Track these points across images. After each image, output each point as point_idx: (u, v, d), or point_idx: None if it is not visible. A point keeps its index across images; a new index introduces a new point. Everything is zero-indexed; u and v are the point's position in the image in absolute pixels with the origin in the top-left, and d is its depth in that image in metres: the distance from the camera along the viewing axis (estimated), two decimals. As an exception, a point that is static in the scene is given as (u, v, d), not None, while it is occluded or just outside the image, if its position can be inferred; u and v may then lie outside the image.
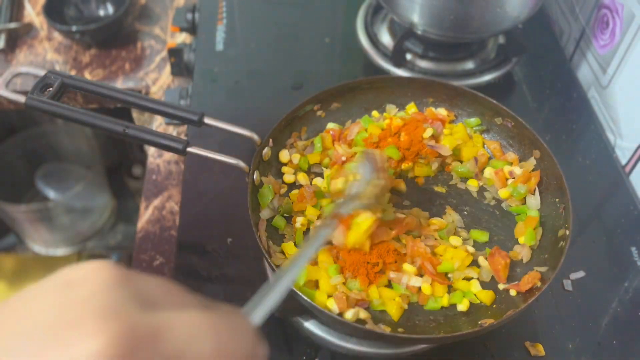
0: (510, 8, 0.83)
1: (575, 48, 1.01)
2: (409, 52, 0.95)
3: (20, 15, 1.19)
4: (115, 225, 1.54)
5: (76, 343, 0.20)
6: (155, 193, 0.90)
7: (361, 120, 0.75)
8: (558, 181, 0.66)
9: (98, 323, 0.20)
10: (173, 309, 0.23)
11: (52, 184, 1.52)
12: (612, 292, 0.71)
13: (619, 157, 0.87)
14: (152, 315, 0.22)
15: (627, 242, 0.76)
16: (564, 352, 0.65)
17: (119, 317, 0.21)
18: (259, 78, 0.95)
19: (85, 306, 0.21)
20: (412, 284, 0.60)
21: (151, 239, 0.84)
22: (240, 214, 0.65)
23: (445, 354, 0.65)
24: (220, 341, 0.23)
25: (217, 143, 0.82)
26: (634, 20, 0.83)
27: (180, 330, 0.22)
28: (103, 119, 0.62)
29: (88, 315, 0.20)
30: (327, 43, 1.02)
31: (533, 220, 0.65)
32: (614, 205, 0.81)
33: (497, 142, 0.73)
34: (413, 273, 0.61)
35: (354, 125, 0.74)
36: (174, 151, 0.62)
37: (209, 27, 1.03)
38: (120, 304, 0.21)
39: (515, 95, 0.95)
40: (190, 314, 0.23)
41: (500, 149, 0.73)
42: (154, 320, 0.22)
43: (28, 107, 0.61)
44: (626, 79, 0.86)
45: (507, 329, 0.66)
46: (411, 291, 0.61)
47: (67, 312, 0.21)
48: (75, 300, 0.21)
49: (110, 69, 1.09)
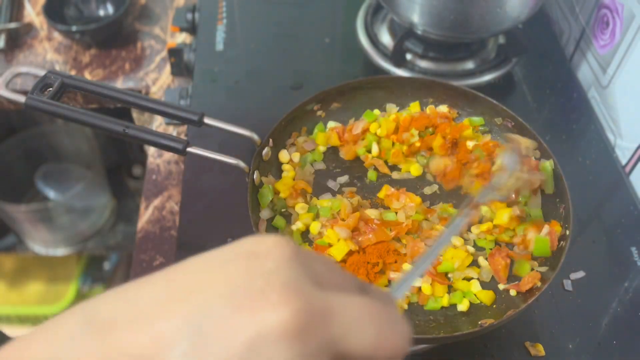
0: (510, 8, 0.83)
1: (575, 48, 1.01)
2: (409, 52, 0.95)
3: (20, 15, 1.19)
4: (115, 225, 1.54)
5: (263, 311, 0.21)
6: (155, 193, 0.90)
7: (364, 116, 0.75)
8: (558, 181, 0.66)
9: (283, 295, 0.21)
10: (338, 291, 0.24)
11: (52, 184, 1.52)
12: (612, 292, 0.71)
13: (619, 157, 0.87)
14: (324, 295, 0.23)
15: (627, 242, 0.76)
16: (564, 352, 0.65)
17: (300, 293, 0.22)
18: (259, 78, 0.95)
19: (271, 278, 0.22)
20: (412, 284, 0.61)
21: (151, 239, 0.84)
22: (240, 214, 0.65)
23: (445, 354, 0.65)
24: (379, 329, 0.24)
25: (217, 143, 0.82)
26: (634, 20, 0.83)
27: (345, 314, 0.23)
28: (103, 119, 0.62)
29: (274, 287, 0.22)
30: (327, 43, 1.02)
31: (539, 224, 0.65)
32: (614, 205, 0.81)
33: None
34: (413, 273, 0.61)
35: (359, 122, 0.74)
36: (174, 151, 0.62)
37: (209, 27, 1.03)
38: (301, 280, 0.22)
39: (515, 95, 0.95)
40: (355, 299, 0.24)
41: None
42: (325, 299, 0.23)
43: (28, 107, 0.61)
44: (626, 79, 0.86)
45: (507, 329, 0.66)
46: (411, 291, 0.61)
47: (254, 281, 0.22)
48: (262, 271, 0.22)
49: (110, 69, 1.09)
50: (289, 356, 0.21)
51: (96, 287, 1.53)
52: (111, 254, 1.56)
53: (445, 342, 0.61)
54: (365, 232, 0.63)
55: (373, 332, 0.24)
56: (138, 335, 0.21)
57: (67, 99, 1.06)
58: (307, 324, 0.21)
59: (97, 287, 1.53)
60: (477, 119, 0.74)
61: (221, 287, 0.22)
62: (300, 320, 0.21)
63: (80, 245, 1.50)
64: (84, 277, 1.51)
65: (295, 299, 0.22)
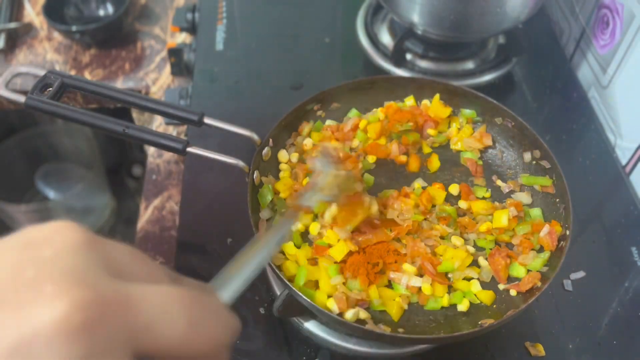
0: (510, 8, 0.83)
1: (575, 48, 1.01)
2: (409, 52, 0.95)
3: (20, 15, 1.19)
4: (115, 225, 1.54)
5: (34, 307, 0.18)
6: (155, 193, 0.90)
7: (350, 114, 0.75)
8: (558, 181, 0.66)
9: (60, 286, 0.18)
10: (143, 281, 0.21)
11: (52, 184, 1.52)
12: (612, 292, 0.71)
13: (619, 157, 0.87)
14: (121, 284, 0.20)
15: (627, 242, 0.76)
16: (564, 352, 0.65)
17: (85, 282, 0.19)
18: (259, 78, 0.95)
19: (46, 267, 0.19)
20: (412, 284, 0.60)
21: (151, 239, 0.84)
22: (240, 214, 0.65)
23: (445, 354, 0.65)
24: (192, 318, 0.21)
25: (217, 143, 0.82)
26: (634, 20, 0.83)
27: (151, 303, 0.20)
28: (103, 119, 0.62)
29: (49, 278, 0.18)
30: (327, 43, 1.02)
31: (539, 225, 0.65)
32: (614, 205, 0.81)
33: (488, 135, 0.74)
34: (413, 273, 0.61)
35: (349, 119, 0.75)
36: (174, 151, 0.62)
37: (209, 27, 1.03)
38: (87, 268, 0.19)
39: (515, 95, 0.95)
40: (162, 288, 0.21)
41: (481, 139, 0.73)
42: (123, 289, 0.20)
43: (28, 107, 0.61)
44: (626, 79, 0.86)
45: (507, 329, 0.66)
46: (411, 291, 0.61)
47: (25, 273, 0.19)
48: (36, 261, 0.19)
49: (110, 69, 1.09)
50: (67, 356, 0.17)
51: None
52: (111, 254, 1.56)
53: (445, 342, 0.61)
54: (365, 232, 0.63)
55: (184, 320, 0.21)
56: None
57: (67, 99, 1.06)
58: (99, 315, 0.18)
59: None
60: (468, 112, 0.75)
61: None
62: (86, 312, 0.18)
63: (80, 245, 1.50)
64: (84, 277, 1.51)
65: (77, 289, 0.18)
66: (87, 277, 0.19)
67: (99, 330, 0.18)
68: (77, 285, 0.19)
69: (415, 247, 0.63)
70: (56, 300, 0.18)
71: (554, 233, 0.62)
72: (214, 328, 0.22)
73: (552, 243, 0.62)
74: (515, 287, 0.61)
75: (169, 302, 0.21)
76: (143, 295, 0.20)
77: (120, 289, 0.20)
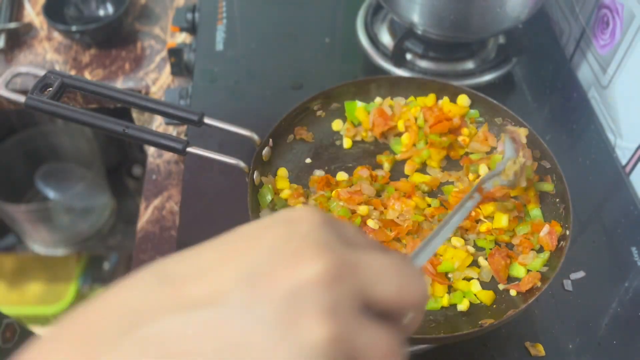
0: (510, 8, 0.83)
1: (575, 48, 1.01)
2: (409, 52, 0.95)
3: (20, 15, 1.19)
4: (115, 225, 1.54)
5: (302, 265, 0.25)
6: (155, 193, 0.90)
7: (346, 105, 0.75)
8: (558, 181, 0.66)
9: (317, 252, 0.26)
10: (365, 249, 0.28)
11: (52, 184, 1.52)
12: (612, 292, 0.71)
13: (619, 157, 0.87)
14: (352, 251, 0.27)
15: (627, 242, 0.76)
16: (564, 352, 0.65)
17: (331, 250, 0.26)
18: (259, 78, 0.95)
19: (306, 238, 0.26)
20: (412, 284, 0.60)
21: (151, 239, 0.84)
22: (240, 214, 0.65)
23: (445, 354, 0.65)
24: (401, 283, 0.28)
25: (217, 143, 0.82)
26: (634, 20, 0.83)
27: (372, 267, 0.27)
28: (103, 119, 0.62)
29: (309, 246, 0.26)
30: (327, 43, 1.02)
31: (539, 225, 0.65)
32: (614, 205, 0.81)
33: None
34: (413, 273, 0.61)
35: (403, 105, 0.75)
36: (173, 151, 0.62)
37: (209, 27, 1.03)
38: (331, 240, 0.27)
39: (515, 95, 0.95)
40: (379, 256, 0.28)
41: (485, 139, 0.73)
42: (353, 255, 0.27)
43: (28, 107, 0.61)
44: (626, 79, 0.86)
45: (507, 329, 0.66)
46: None
47: (293, 242, 0.26)
48: (298, 234, 0.27)
49: (110, 69, 1.09)
50: (324, 300, 0.25)
51: (96, 287, 1.53)
52: (111, 254, 1.56)
53: (445, 342, 0.61)
54: (365, 233, 0.63)
55: (396, 283, 0.28)
56: (201, 286, 0.26)
57: (67, 99, 1.06)
58: (338, 274, 0.25)
59: (97, 287, 1.53)
60: (472, 112, 0.75)
61: (265, 247, 0.26)
62: (331, 271, 0.25)
63: (80, 245, 1.50)
64: (84, 277, 1.51)
65: (326, 255, 0.26)
66: (332, 246, 0.26)
67: (343, 283, 0.25)
68: (327, 251, 0.26)
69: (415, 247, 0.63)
70: (314, 261, 0.25)
71: (554, 233, 0.62)
72: (416, 290, 0.28)
73: (552, 243, 0.62)
74: (515, 287, 0.61)
75: (384, 267, 0.27)
76: (367, 259, 0.27)
77: (352, 255, 0.27)
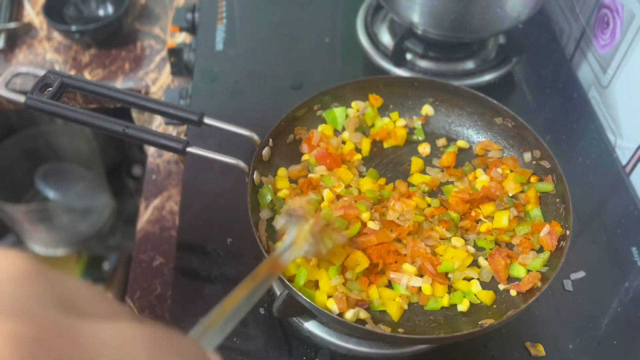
0: (510, 8, 0.83)
1: (575, 48, 1.01)
2: (409, 52, 0.95)
3: (20, 15, 1.19)
4: (115, 225, 1.54)
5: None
6: (155, 193, 0.90)
7: (325, 115, 0.75)
8: (558, 181, 0.66)
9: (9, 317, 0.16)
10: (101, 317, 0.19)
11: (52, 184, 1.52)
12: (612, 292, 0.71)
13: (619, 157, 0.87)
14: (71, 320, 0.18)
15: (627, 242, 0.76)
16: (564, 352, 0.65)
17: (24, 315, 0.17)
18: (259, 78, 0.95)
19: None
20: (412, 284, 0.60)
21: (151, 239, 0.84)
22: (240, 214, 0.65)
23: (445, 354, 0.65)
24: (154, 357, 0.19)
25: (217, 143, 0.82)
26: (634, 20, 0.83)
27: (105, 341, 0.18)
28: (103, 119, 0.62)
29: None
30: (327, 43, 1.02)
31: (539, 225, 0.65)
32: (614, 205, 0.81)
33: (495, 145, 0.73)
34: (413, 273, 0.61)
35: None
36: (173, 151, 0.62)
37: (209, 27, 1.03)
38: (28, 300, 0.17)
39: (515, 95, 0.95)
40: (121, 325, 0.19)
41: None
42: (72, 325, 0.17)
43: (28, 107, 0.61)
44: (626, 79, 0.86)
45: (507, 329, 0.66)
46: (411, 291, 0.61)
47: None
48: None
49: (110, 69, 1.09)
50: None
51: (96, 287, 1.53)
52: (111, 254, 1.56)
53: (445, 342, 0.61)
54: (366, 234, 0.63)
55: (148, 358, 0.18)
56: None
57: (67, 99, 1.06)
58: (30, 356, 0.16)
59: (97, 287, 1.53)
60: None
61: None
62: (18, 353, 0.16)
63: (80, 245, 1.50)
64: (84, 277, 1.51)
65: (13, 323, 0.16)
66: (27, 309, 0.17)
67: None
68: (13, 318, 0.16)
69: (416, 247, 0.63)
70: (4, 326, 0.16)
71: (554, 233, 0.62)
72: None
73: (552, 243, 0.62)
74: (516, 287, 0.61)
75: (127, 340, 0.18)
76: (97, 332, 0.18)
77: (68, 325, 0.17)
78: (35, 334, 0.16)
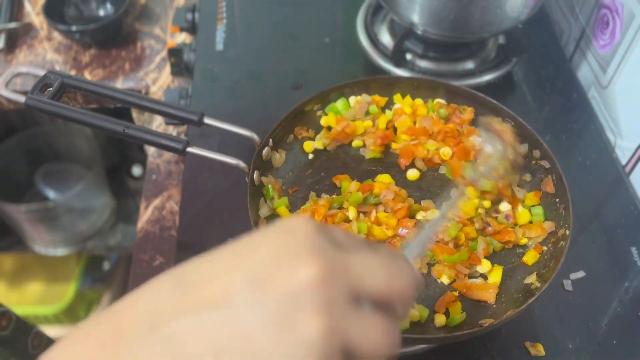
0: (510, 8, 0.83)
1: (575, 48, 1.01)
2: (409, 52, 0.95)
3: (20, 15, 1.19)
4: (115, 225, 1.54)
5: (298, 269, 0.29)
6: (155, 193, 0.90)
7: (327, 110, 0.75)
8: (558, 181, 0.66)
9: (311, 257, 0.30)
10: (354, 250, 0.32)
11: (52, 184, 1.52)
12: (612, 292, 0.71)
13: (619, 157, 0.87)
14: (342, 254, 0.31)
15: (627, 242, 0.76)
16: (564, 352, 0.65)
17: (324, 254, 0.30)
18: (259, 78, 0.95)
19: (302, 245, 0.30)
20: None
21: (151, 239, 0.84)
22: (240, 214, 0.65)
23: (445, 354, 0.65)
24: (389, 275, 0.32)
25: (217, 143, 0.82)
26: (634, 20, 0.83)
27: (361, 264, 0.31)
28: (103, 119, 0.62)
29: (304, 252, 0.30)
30: (327, 43, 1.02)
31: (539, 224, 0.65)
32: (614, 205, 0.81)
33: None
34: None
35: None
36: (173, 151, 0.62)
37: (209, 27, 1.03)
38: (323, 245, 0.31)
39: (515, 95, 0.95)
40: (366, 254, 0.32)
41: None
42: (344, 256, 0.31)
43: (28, 107, 0.61)
44: (626, 79, 0.86)
45: (507, 329, 0.66)
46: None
47: (290, 248, 0.30)
48: (295, 241, 0.31)
49: (110, 69, 1.09)
50: (318, 298, 0.29)
51: (96, 287, 1.53)
52: (111, 254, 1.56)
53: (445, 342, 0.61)
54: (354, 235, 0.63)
55: (382, 275, 0.32)
56: (212, 290, 0.30)
57: (67, 99, 1.06)
58: (330, 275, 0.29)
59: (97, 287, 1.53)
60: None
61: (266, 254, 0.30)
62: (324, 273, 0.29)
63: (80, 245, 1.50)
64: (84, 277, 1.51)
65: (319, 259, 0.29)
66: (324, 250, 0.30)
67: (334, 282, 0.29)
68: (319, 256, 0.30)
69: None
70: (308, 265, 0.29)
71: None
72: (403, 281, 0.33)
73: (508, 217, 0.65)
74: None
75: (372, 263, 0.32)
76: (356, 258, 0.31)
77: (342, 257, 0.31)
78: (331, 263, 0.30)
